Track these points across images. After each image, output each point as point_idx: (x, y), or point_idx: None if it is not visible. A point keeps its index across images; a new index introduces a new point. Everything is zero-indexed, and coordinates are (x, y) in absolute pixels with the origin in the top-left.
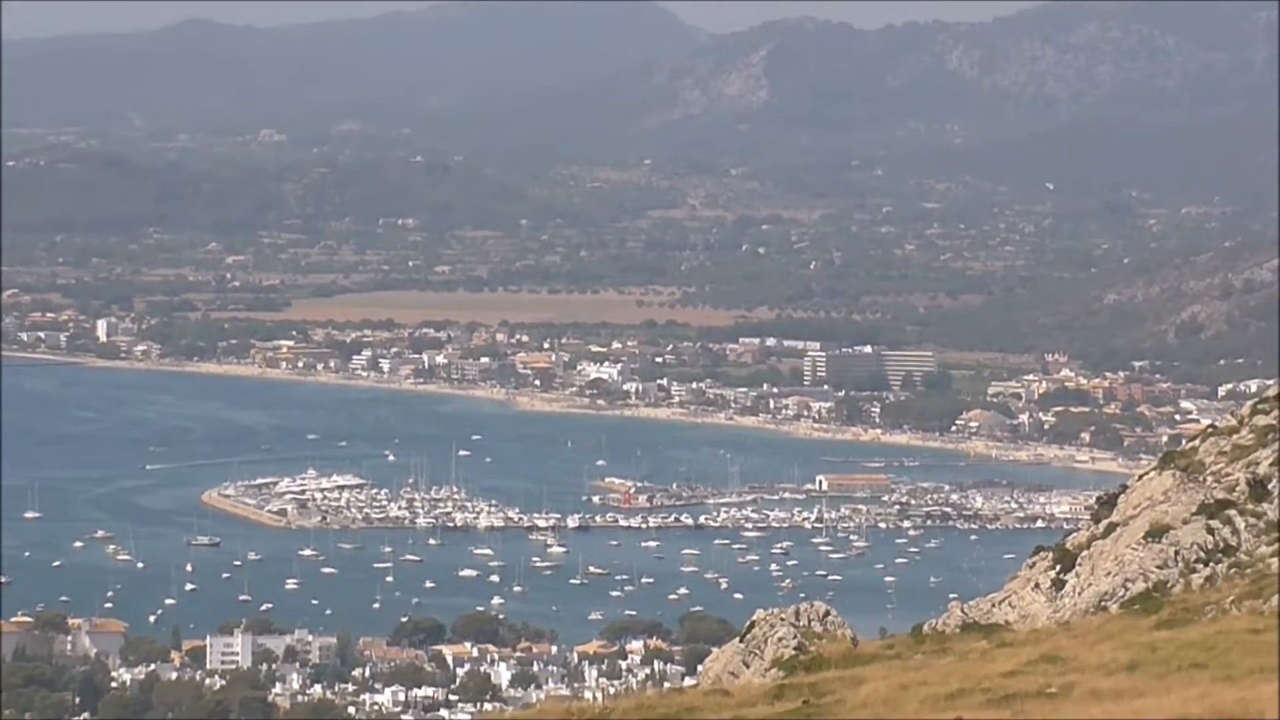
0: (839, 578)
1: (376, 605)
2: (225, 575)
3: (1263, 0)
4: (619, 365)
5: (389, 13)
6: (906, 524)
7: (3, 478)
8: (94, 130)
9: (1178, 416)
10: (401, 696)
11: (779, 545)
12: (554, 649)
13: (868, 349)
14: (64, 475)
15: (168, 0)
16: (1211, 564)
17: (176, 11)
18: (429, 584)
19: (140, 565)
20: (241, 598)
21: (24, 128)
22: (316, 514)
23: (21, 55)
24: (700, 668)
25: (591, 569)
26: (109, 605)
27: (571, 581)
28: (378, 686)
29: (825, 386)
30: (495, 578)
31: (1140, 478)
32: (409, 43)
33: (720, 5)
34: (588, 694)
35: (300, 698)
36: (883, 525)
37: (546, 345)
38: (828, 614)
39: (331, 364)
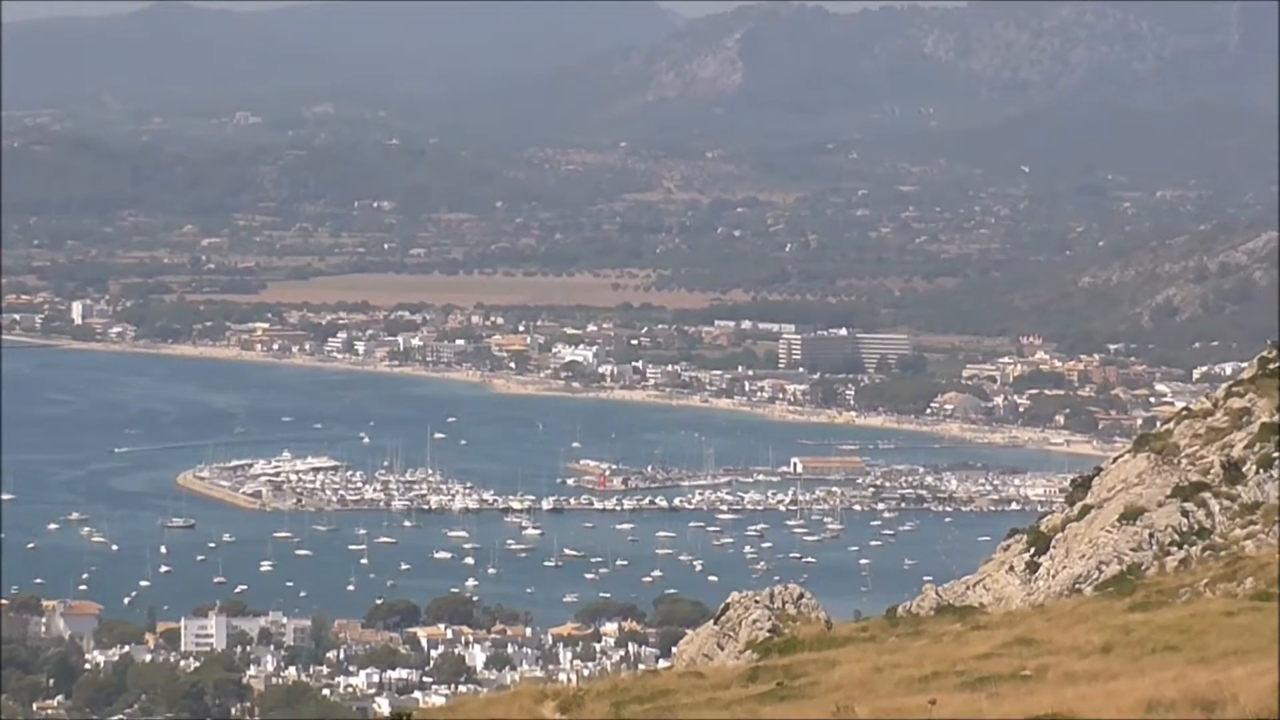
0: (813, 560)
1: (351, 587)
2: (200, 557)
3: None
4: (594, 348)
5: None
6: (881, 506)
7: None
8: (68, 112)
9: (1152, 399)
10: (376, 679)
11: (754, 528)
12: (528, 631)
13: (843, 332)
14: (38, 457)
15: None
16: (1186, 547)
17: None
18: (404, 566)
19: (115, 547)
20: (216, 580)
21: (4, 110)
22: (291, 496)
23: None
24: (675, 650)
25: (566, 551)
26: (83, 587)
27: (546, 564)
28: (352, 669)
29: (800, 369)
30: (470, 560)
31: (1115, 460)
32: (384, 25)
33: None
34: (562, 676)
35: (275, 680)
36: (857, 508)
37: (522, 328)
38: (802, 596)
39: (307, 346)
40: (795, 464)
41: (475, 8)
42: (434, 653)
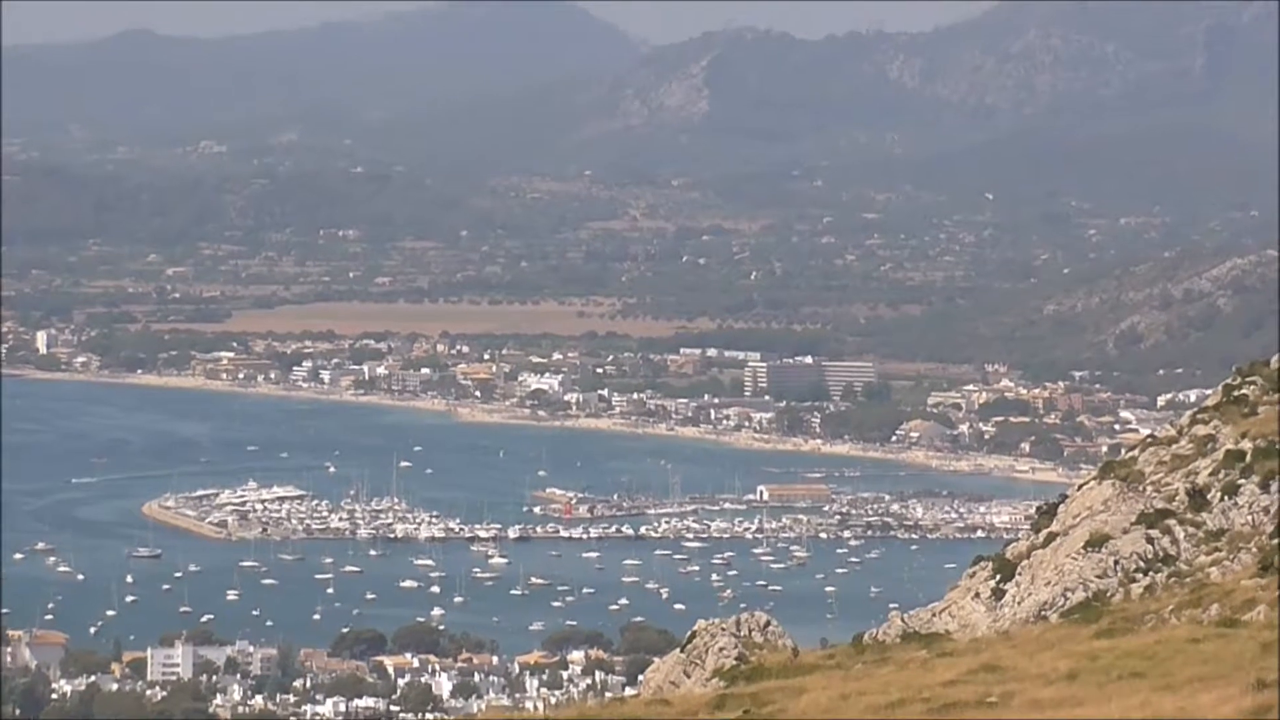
0: (779, 588)
1: (317, 616)
2: (166, 587)
3: (1202, 5)
4: (560, 376)
5: (329, 24)
6: (847, 534)
7: None
8: (34, 141)
9: (1117, 426)
10: (343, 707)
11: (720, 555)
12: (495, 659)
13: (808, 359)
14: (3, 487)
15: (109, 9)
16: (1151, 573)
17: (117, 22)
18: (370, 595)
19: (80, 577)
20: (182, 609)
21: None
22: (257, 525)
23: None
24: (641, 678)
25: (532, 580)
26: (49, 617)
27: (512, 592)
28: (319, 697)
29: (766, 397)
30: (436, 588)
31: (1080, 487)
32: (349, 53)
33: (661, 16)
34: (529, 704)
35: (241, 709)
36: (823, 535)
37: (487, 356)
38: (768, 624)
39: (272, 375)
40: (761, 492)
41: (441, 36)
42: (400, 681)
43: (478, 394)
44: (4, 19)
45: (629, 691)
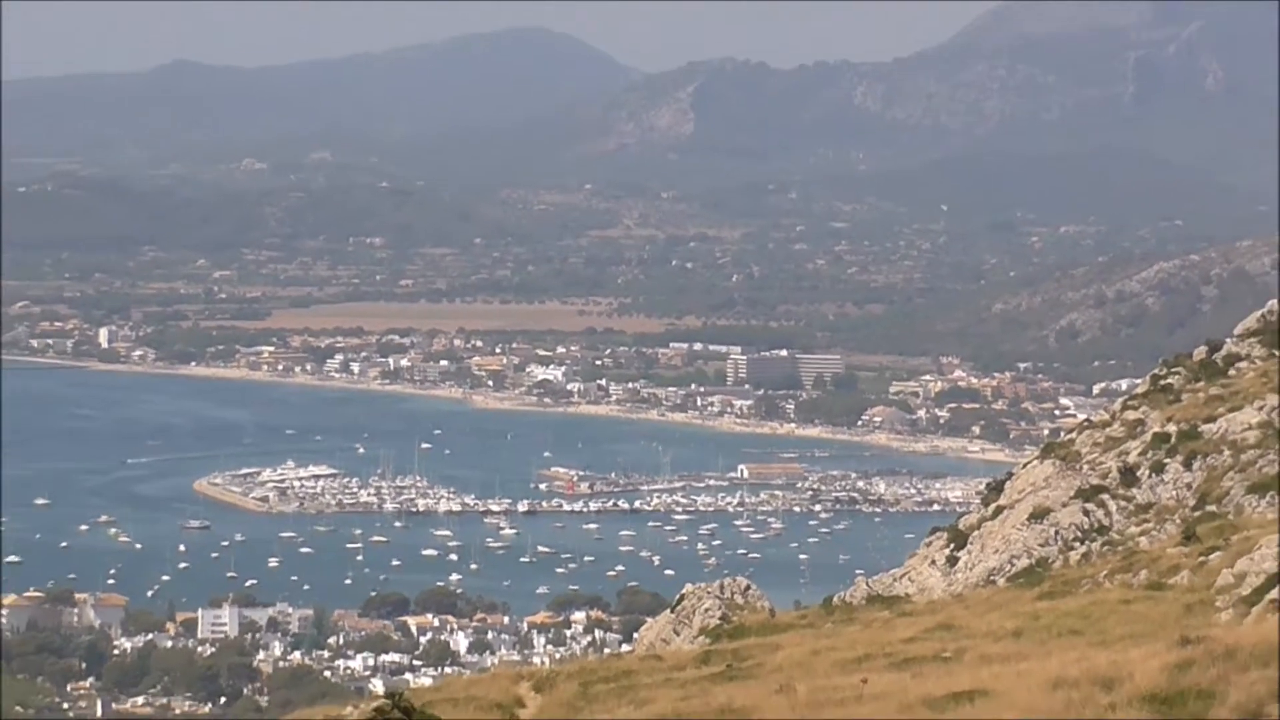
0: (758, 556)
1: (348, 581)
2: (214, 555)
3: (1131, 40)
4: (563, 368)
5: (356, 54)
6: (818, 508)
7: (10, 469)
8: (95, 159)
9: (1057, 412)
10: (371, 662)
11: (705, 527)
12: (506, 619)
13: (783, 353)
14: (70, 466)
15: (161, 42)
16: (1087, 542)
17: (168, 53)
18: (395, 562)
19: (138, 546)
20: (229, 574)
21: (33, 157)
22: (295, 500)
23: (31, 92)
24: (636, 636)
25: (539, 548)
26: (111, 582)
27: (521, 560)
28: (350, 653)
29: (746, 386)
30: (454, 556)
31: (1024, 466)
32: (374, 81)
33: (651, 47)
34: (536, 659)
35: (281, 663)
36: (797, 509)
37: (498, 350)
38: (748, 588)
39: (307, 367)
40: (742, 470)
41: (455, 65)
42: (422, 639)
43: (490, 383)
44: (69, 50)
45: (625, 648)
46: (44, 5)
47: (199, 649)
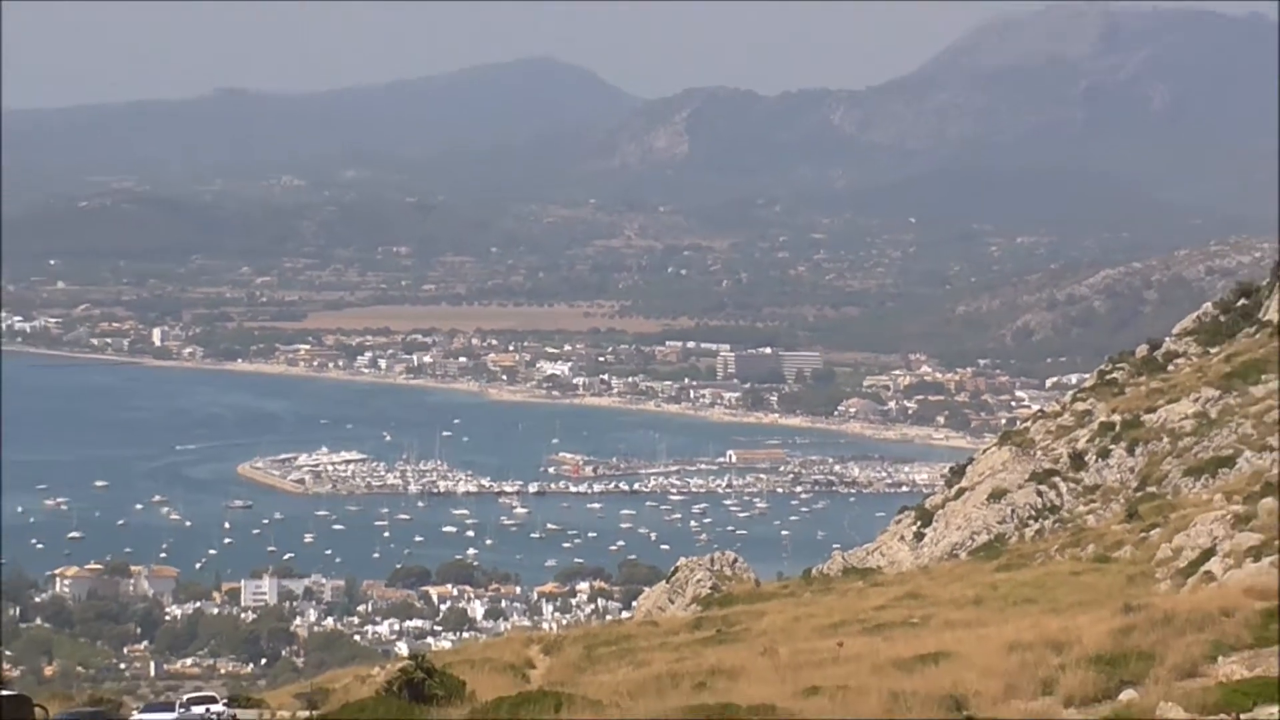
0: (745, 532)
1: (376, 555)
2: (256, 531)
3: (1081, 69)
4: (569, 364)
5: (383, 83)
6: (799, 489)
7: (72, 454)
8: (149, 177)
9: (1013, 403)
10: (396, 627)
11: (697, 506)
12: (518, 589)
13: (767, 350)
14: (126, 452)
15: (209, 70)
16: (1040, 520)
17: (215, 81)
18: (418, 538)
19: (188, 524)
20: (269, 549)
21: (94, 176)
22: (328, 482)
23: (94, 117)
24: (635, 604)
25: (548, 526)
26: (163, 555)
27: (532, 536)
28: (378, 619)
29: (734, 380)
30: (471, 533)
31: (984, 452)
32: (400, 106)
33: (650, 75)
34: (545, 625)
35: (316, 628)
36: (779, 490)
37: (511, 348)
38: (736, 561)
39: (339, 363)
40: (730, 456)
41: (473, 92)
42: (443, 607)
43: (504, 378)
44: (124, 78)
45: (625, 615)
46: (104, 38)
47: (242, 615)
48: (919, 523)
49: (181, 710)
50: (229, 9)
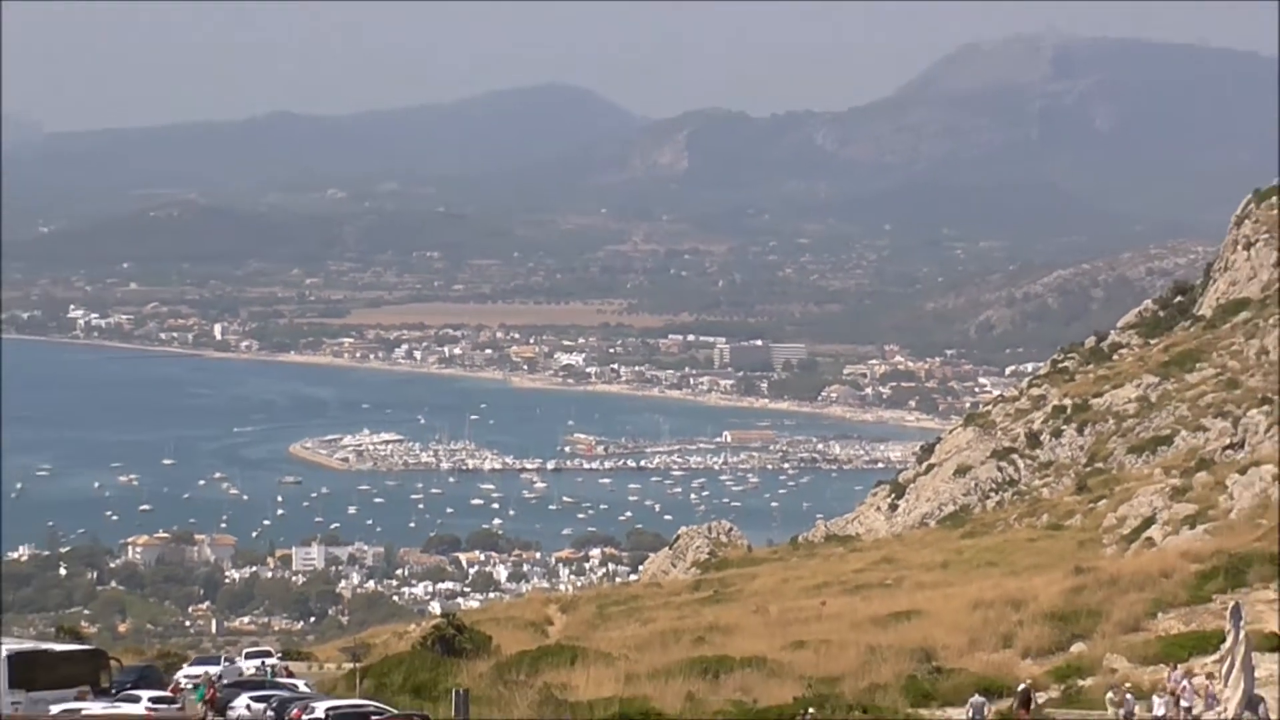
0: (739, 504)
1: (412, 525)
2: (305, 504)
3: (1036, 91)
4: (583, 355)
5: (417, 105)
6: (786, 466)
7: (142, 435)
8: (209, 190)
9: (976, 389)
10: (430, 589)
11: (696, 481)
12: (538, 555)
13: (758, 342)
14: (191, 434)
15: (260, 95)
16: (1000, 493)
17: (266, 105)
18: (449, 510)
19: (245, 497)
20: (317, 519)
21: (161, 188)
22: (369, 460)
23: (161, 137)
24: (641, 568)
25: (564, 498)
26: (223, 525)
27: (550, 507)
28: (413, 582)
29: (729, 369)
30: (496, 505)
31: (950, 432)
32: (432, 126)
33: (654, 98)
34: (562, 586)
35: (358, 590)
36: (769, 467)
37: (531, 340)
38: (731, 529)
39: (379, 355)
40: (725, 436)
41: (498, 113)
42: (471, 571)
43: (525, 367)
44: (188, 101)
45: (632, 577)
46: (173, 65)
47: (293, 579)
48: (893, 495)
49: (227, 664)
50: (282, 43)
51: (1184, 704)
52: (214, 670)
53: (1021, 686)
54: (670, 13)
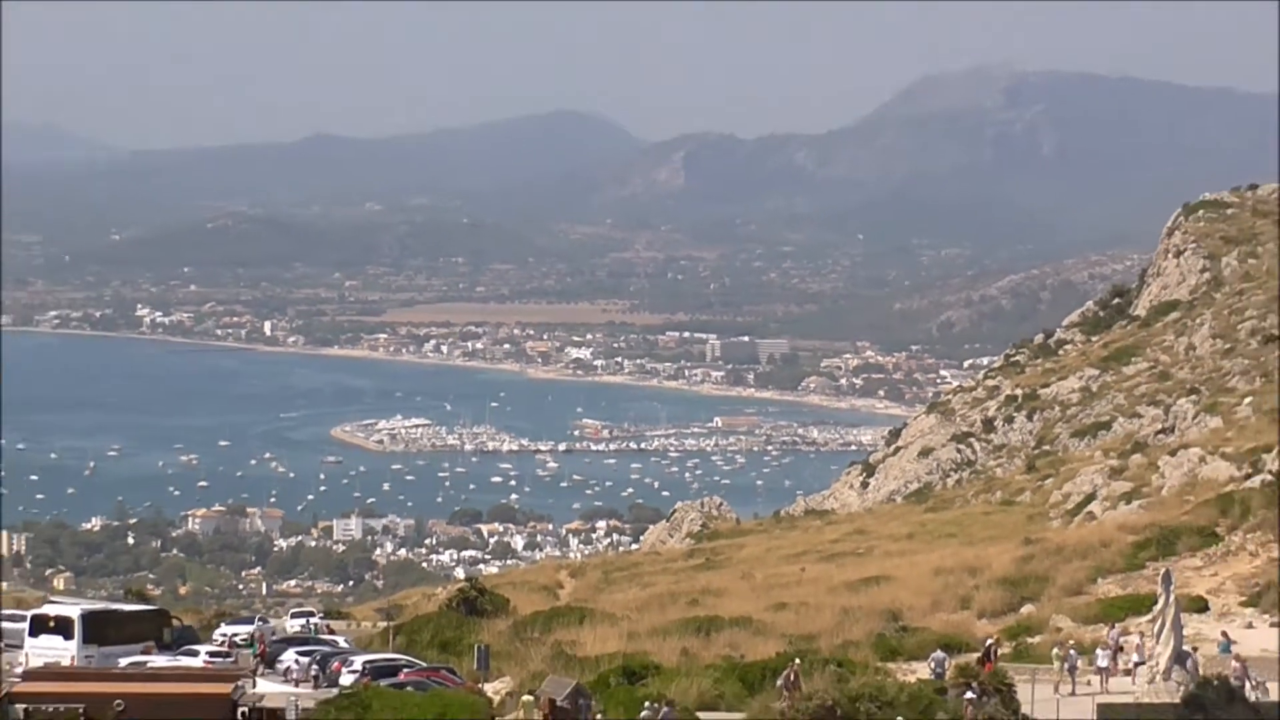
0: (728, 482)
1: (439, 499)
2: (344, 481)
3: (991, 119)
4: (590, 349)
5: (444, 129)
6: (770, 448)
7: (201, 420)
8: (260, 203)
9: (938, 380)
10: (455, 556)
11: (690, 461)
12: (550, 526)
13: (746, 338)
14: (243, 418)
15: (304, 118)
16: (959, 472)
17: (309, 128)
18: (471, 486)
19: (291, 475)
20: (355, 494)
21: (217, 201)
22: (401, 442)
23: (219, 155)
24: (641, 538)
25: (574, 476)
26: (272, 499)
27: (561, 485)
28: (440, 550)
29: (720, 362)
30: (513, 482)
31: (915, 418)
32: (458, 147)
33: (653, 121)
34: (572, 555)
35: (392, 557)
36: (755, 449)
37: (545, 337)
38: (721, 505)
39: (410, 349)
40: (716, 421)
41: (516, 136)
42: (491, 540)
43: (539, 360)
44: (243, 126)
45: (634, 547)
46: (226, 93)
47: (334, 547)
48: (864, 474)
49: (260, 623)
50: (324, 75)
51: (1120, 659)
52: (246, 629)
53: (988, 643)
54: (668, 48)
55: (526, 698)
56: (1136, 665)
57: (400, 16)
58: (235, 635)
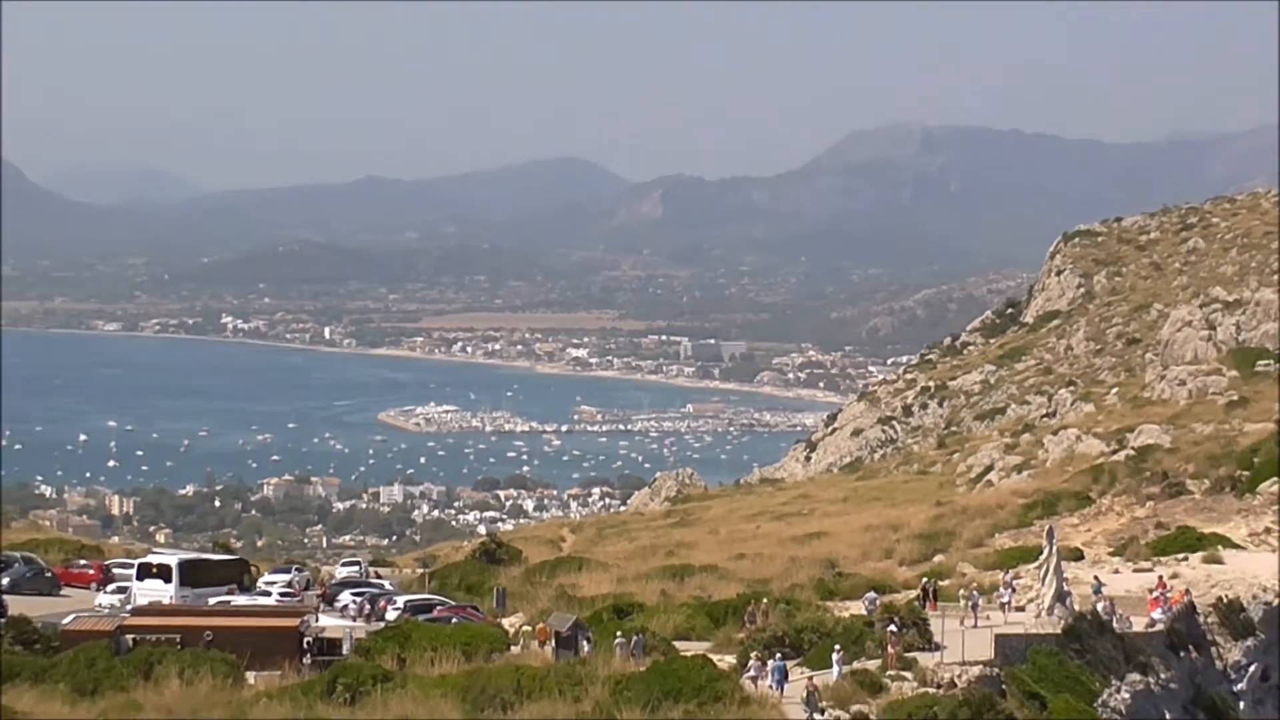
0: (698, 457)
1: (465, 471)
2: (389, 455)
3: (908, 163)
4: (587, 350)
5: (470, 172)
6: (732, 429)
7: (274, 407)
8: (320, 232)
9: (867, 374)
10: (478, 517)
11: (668, 440)
12: (555, 492)
13: (712, 341)
14: (307, 404)
15: (356, 162)
16: (884, 448)
17: (361, 170)
18: (491, 460)
19: (346, 451)
20: (397, 467)
21: (286, 230)
22: (435, 425)
23: (288, 195)
24: (629, 502)
25: (574, 452)
26: (331, 470)
27: (563, 459)
28: (466, 511)
29: (691, 360)
30: (525, 457)
31: (848, 405)
32: (480, 187)
33: (636, 165)
34: (573, 515)
35: (427, 517)
36: (719, 430)
37: (550, 340)
38: (692, 475)
39: (442, 350)
40: (688, 408)
41: (529, 177)
42: (507, 503)
43: (545, 358)
44: (305, 169)
45: (622, 509)
46: (289, 140)
47: (380, 509)
48: (808, 450)
49: (297, 572)
50: (376, 127)
51: (1013, 598)
52: (285, 578)
53: (925, 581)
54: (650, 108)
55: (525, 628)
56: (1025, 602)
57: (440, 80)
58: (274, 583)
